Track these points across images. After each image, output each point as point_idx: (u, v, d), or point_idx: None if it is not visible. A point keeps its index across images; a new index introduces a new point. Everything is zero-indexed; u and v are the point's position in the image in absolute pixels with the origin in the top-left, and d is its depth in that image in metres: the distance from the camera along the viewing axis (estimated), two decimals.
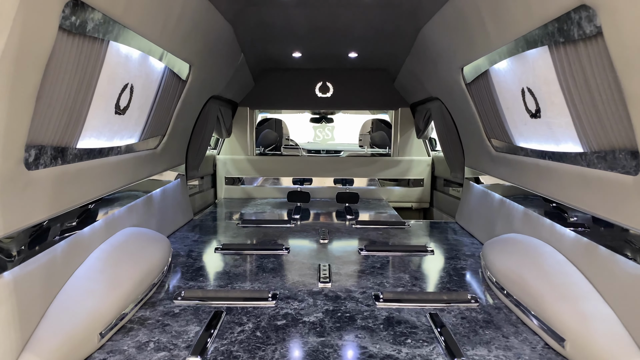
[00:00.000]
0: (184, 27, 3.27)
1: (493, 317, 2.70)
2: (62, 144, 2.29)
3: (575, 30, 2.07)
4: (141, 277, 2.82)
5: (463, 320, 2.65)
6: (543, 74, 2.61)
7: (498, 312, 2.78)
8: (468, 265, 3.68)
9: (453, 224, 5.33)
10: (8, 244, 1.88)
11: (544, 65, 2.56)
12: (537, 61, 2.63)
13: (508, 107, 3.39)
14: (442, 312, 2.77)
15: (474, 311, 2.79)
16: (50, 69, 1.94)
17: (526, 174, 3.43)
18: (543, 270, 2.68)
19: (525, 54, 2.76)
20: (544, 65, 2.56)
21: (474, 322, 2.64)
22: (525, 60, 2.78)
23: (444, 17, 3.63)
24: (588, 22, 1.96)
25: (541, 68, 2.61)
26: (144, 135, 3.62)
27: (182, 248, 4.13)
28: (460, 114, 4.71)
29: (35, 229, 2.10)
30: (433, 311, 2.76)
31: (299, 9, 4.03)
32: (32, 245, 2.08)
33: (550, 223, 2.98)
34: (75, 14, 1.95)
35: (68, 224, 2.48)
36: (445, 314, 2.74)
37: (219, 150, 7.19)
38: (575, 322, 2.23)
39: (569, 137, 2.61)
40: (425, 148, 7.22)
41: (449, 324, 2.59)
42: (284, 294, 3.03)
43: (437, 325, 2.54)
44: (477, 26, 3.16)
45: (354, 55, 5.90)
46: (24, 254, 1.99)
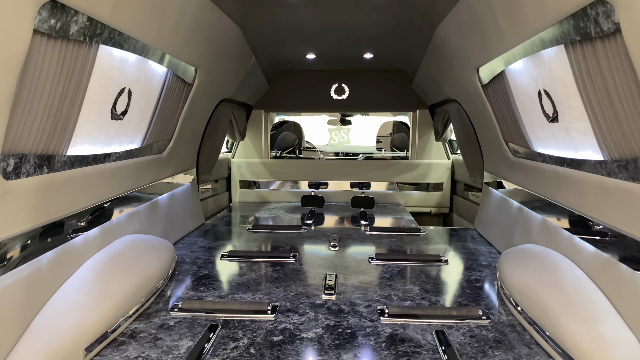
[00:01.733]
0: (185, 28, 3.18)
1: (505, 336, 2.51)
2: (48, 151, 2.21)
3: (592, 27, 1.88)
4: (135, 288, 2.73)
5: (472, 339, 2.48)
6: (560, 75, 2.42)
7: (511, 330, 2.59)
8: (483, 277, 3.49)
9: (471, 231, 5.12)
10: None
11: (560, 65, 2.37)
12: (553, 61, 2.44)
13: (525, 110, 3.19)
14: (450, 329, 2.60)
15: (484, 329, 2.61)
16: (29, 75, 1.85)
17: (544, 181, 3.22)
18: (560, 287, 2.49)
19: (541, 54, 2.57)
20: (560, 65, 2.37)
21: (483, 341, 2.46)
22: (542, 60, 2.59)
23: (458, 16, 3.45)
24: (605, 18, 1.77)
25: (558, 69, 2.42)
26: (147, 140, 3.54)
27: (188, 255, 4.05)
28: (478, 116, 4.51)
29: (16, 240, 2.02)
30: (440, 328, 2.59)
31: (309, 9, 3.91)
32: (11, 258, 2.00)
33: (569, 235, 2.78)
34: (55, 16, 1.86)
35: (57, 234, 2.40)
36: (454, 331, 2.57)
37: (233, 153, 7.12)
38: (592, 345, 2.04)
39: (588, 144, 2.41)
40: (445, 151, 7.00)
41: (456, 343, 2.41)
42: (284, 306, 2.90)
43: (442, 344, 2.38)
44: (490, 24, 2.98)
45: (370, 56, 5.74)
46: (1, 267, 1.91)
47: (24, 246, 2.09)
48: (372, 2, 3.66)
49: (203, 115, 4.86)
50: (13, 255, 2.02)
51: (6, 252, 1.97)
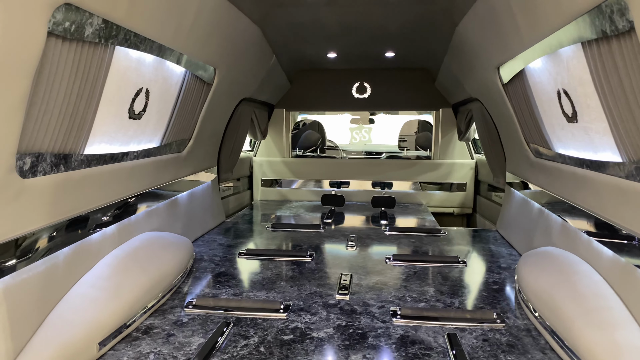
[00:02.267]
0: (202, 28, 3.22)
1: (519, 341, 2.46)
2: (64, 150, 2.27)
3: (607, 25, 1.83)
4: (151, 284, 2.78)
5: (484, 343, 2.44)
6: (578, 74, 2.36)
7: (526, 334, 2.54)
8: (501, 280, 3.43)
9: (493, 232, 5.03)
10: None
11: (578, 64, 2.31)
12: (571, 60, 2.38)
13: (545, 109, 3.12)
14: (462, 332, 2.56)
15: (498, 332, 2.56)
16: (44, 76, 1.91)
17: (564, 182, 3.15)
18: (577, 292, 2.42)
19: (559, 53, 2.51)
20: (578, 64, 2.31)
21: (496, 345, 2.42)
22: (560, 59, 2.53)
23: (477, 14, 3.39)
24: (620, 16, 1.72)
25: (575, 68, 2.36)
26: (166, 139, 3.60)
27: (206, 252, 4.10)
28: (499, 116, 4.43)
29: (32, 237, 2.08)
30: (453, 331, 2.56)
31: (328, 8, 3.90)
32: (28, 254, 2.07)
33: (588, 239, 2.70)
34: (69, 19, 1.91)
35: (74, 230, 2.47)
36: (466, 334, 2.54)
37: (255, 151, 7.18)
38: (606, 353, 1.98)
39: (607, 145, 2.34)
40: (469, 150, 6.89)
41: (467, 347, 2.38)
42: (297, 305, 2.91)
43: (453, 347, 2.35)
44: (509, 22, 2.92)
45: (391, 54, 5.70)
46: (16, 263, 1.98)
47: (40, 242, 2.16)
48: (391, 0, 3.63)
49: (223, 115, 4.91)
50: (29, 251, 2.08)
51: (23, 247, 2.03)
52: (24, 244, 2.03)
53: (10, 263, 1.94)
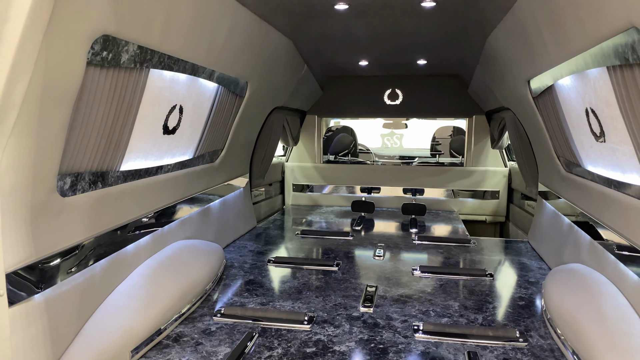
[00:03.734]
0: (234, 45, 3.33)
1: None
2: (102, 168, 2.42)
3: (629, 53, 1.82)
4: (182, 292, 2.91)
5: None
6: (604, 96, 2.34)
7: (549, 355, 2.53)
8: (528, 295, 3.40)
9: (525, 243, 4.97)
10: (40, 267, 2.01)
11: (604, 86, 2.29)
12: (597, 81, 2.36)
13: (574, 126, 3.08)
14: (484, 350, 2.58)
15: (520, 351, 2.56)
16: (83, 102, 2.05)
17: (593, 200, 3.10)
18: (601, 314, 2.40)
19: (586, 73, 2.49)
20: (604, 86, 2.29)
21: None
22: (587, 79, 2.51)
23: (507, 27, 3.38)
24: None
25: (602, 89, 2.34)
26: (199, 151, 3.74)
27: (236, 258, 4.23)
28: (531, 127, 4.38)
29: (71, 251, 2.23)
30: (474, 349, 2.58)
31: (359, 19, 3.95)
32: (68, 267, 2.22)
33: (615, 260, 2.67)
34: (107, 48, 2.03)
35: (110, 243, 2.61)
36: (487, 352, 2.55)
37: (287, 157, 7.29)
38: None
39: (634, 167, 2.31)
40: (502, 158, 6.80)
41: None
42: (321, 317, 2.99)
43: None
44: (537, 39, 2.90)
45: (423, 62, 5.70)
46: (57, 276, 2.13)
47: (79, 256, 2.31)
48: (423, 11, 3.65)
49: (256, 124, 5.03)
50: (70, 264, 2.23)
51: (63, 261, 2.18)
52: (65, 258, 2.18)
53: (52, 276, 2.09)
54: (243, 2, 3.07)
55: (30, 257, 1.91)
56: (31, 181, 1.83)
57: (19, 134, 1.70)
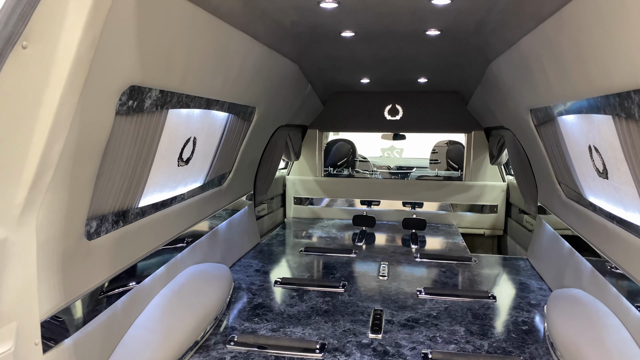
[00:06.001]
0: (245, 76, 3.41)
1: None
2: (123, 207, 2.48)
3: (636, 110, 1.92)
4: (198, 322, 2.98)
5: None
6: (608, 139, 2.44)
7: None
8: (531, 319, 3.50)
9: (524, 261, 5.08)
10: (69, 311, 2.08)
11: (608, 130, 2.39)
12: (602, 125, 2.46)
13: (577, 158, 3.18)
14: None
15: None
16: (109, 150, 2.11)
17: (595, 230, 3.21)
18: (605, 347, 2.50)
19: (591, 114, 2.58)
20: (608, 130, 2.39)
21: None
22: (591, 119, 2.61)
23: (511, 59, 3.47)
24: None
25: (606, 132, 2.43)
26: (209, 177, 3.81)
27: (243, 279, 4.30)
28: (532, 150, 4.48)
29: (96, 291, 2.30)
30: None
31: (364, 43, 4.04)
32: (93, 307, 2.28)
33: (617, 293, 2.77)
34: (133, 97, 2.10)
35: (130, 278, 2.68)
36: None
37: (288, 170, 7.37)
38: None
39: (637, 208, 2.41)
40: (500, 173, 6.92)
41: None
42: (332, 344, 3.07)
43: None
44: (540, 76, 3.00)
45: (424, 80, 5.80)
46: (84, 318, 2.19)
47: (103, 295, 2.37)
48: (427, 38, 3.74)
49: (261, 144, 5.11)
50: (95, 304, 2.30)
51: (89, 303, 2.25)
52: (91, 298, 2.25)
53: (79, 318, 2.16)
54: (254, 36, 3.15)
55: (61, 303, 1.98)
56: (63, 232, 1.90)
57: (53, 190, 1.77)
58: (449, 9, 2.83)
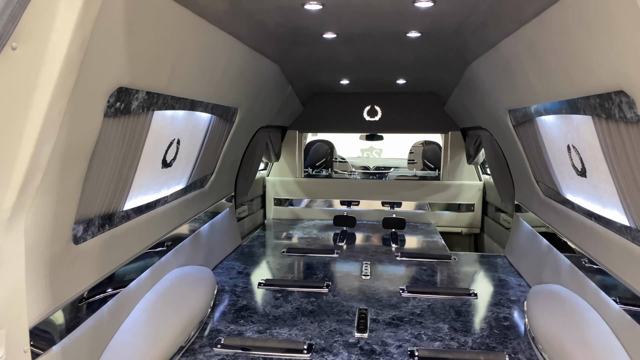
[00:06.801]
0: (229, 77, 3.39)
1: None
2: (109, 210, 2.45)
3: (616, 111, 1.99)
4: (184, 325, 2.96)
5: None
6: (588, 139, 2.51)
7: None
8: (511, 315, 3.58)
9: (502, 258, 5.19)
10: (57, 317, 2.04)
11: (588, 130, 2.47)
12: (581, 125, 2.54)
13: (555, 157, 3.27)
14: None
15: None
16: (96, 152, 2.08)
17: (573, 228, 3.30)
18: (586, 341, 2.58)
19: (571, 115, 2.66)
20: (588, 130, 2.47)
21: None
22: (571, 120, 2.69)
23: (491, 61, 3.55)
24: (629, 108, 1.87)
25: (586, 132, 2.51)
26: (191, 179, 3.78)
27: (227, 282, 4.27)
28: (509, 150, 4.58)
29: (83, 296, 2.26)
30: None
31: (345, 44, 4.07)
32: (80, 312, 2.25)
33: (596, 288, 2.86)
34: (120, 99, 2.08)
35: (115, 282, 2.64)
36: None
37: (268, 171, 7.36)
38: None
39: (615, 205, 2.49)
40: (477, 172, 7.06)
41: None
42: (319, 344, 3.08)
43: None
44: (522, 78, 3.08)
45: (403, 81, 5.87)
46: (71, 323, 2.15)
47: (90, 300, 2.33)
48: (408, 40, 3.78)
49: (242, 145, 5.09)
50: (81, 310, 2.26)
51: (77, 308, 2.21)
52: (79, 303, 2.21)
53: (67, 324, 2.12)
54: (238, 37, 3.14)
55: (49, 309, 1.94)
56: (51, 236, 1.87)
57: (41, 193, 1.74)
58: (431, 11, 2.88)
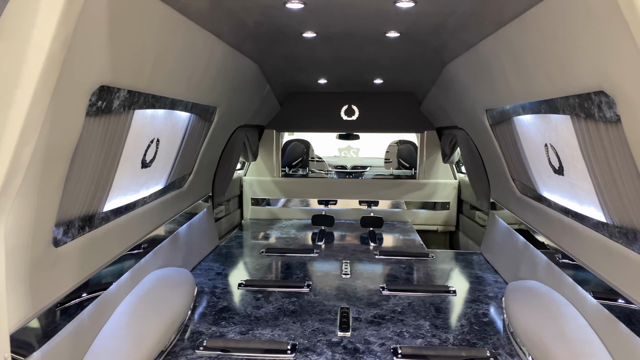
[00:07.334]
0: (209, 76, 3.35)
1: None
2: (89, 212, 2.39)
3: (595, 111, 2.04)
4: (166, 327, 2.91)
5: None
6: (566, 138, 2.58)
7: None
8: (490, 311, 3.65)
9: (478, 255, 5.28)
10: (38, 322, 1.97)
11: (566, 130, 2.53)
12: (560, 124, 2.60)
13: (532, 156, 3.34)
14: None
15: None
16: (78, 152, 2.03)
17: (550, 225, 3.38)
18: (564, 335, 2.64)
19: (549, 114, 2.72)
20: (566, 130, 2.53)
21: None
22: (549, 119, 2.75)
23: (469, 61, 3.60)
24: (608, 107, 1.93)
25: (564, 132, 2.57)
26: (170, 178, 3.72)
27: (206, 283, 4.22)
28: (485, 148, 4.66)
29: (64, 300, 2.20)
30: None
31: (324, 43, 4.06)
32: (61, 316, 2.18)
33: (573, 283, 2.94)
34: (102, 98, 2.03)
35: (96, 285, 2.58)
36: None
37: (245, 171, 7.31)
38: None
39: (592, 203, 2.56)
40: (452, 171, 7.16)
41: None
42: (303, 344, 3.07)
43: None
44: (500, 78, 3.13)
45: (380, 81, 5.91)
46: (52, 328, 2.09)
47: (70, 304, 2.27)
48: (387, 40, 3.81)
49: (220, 144, 5.04)
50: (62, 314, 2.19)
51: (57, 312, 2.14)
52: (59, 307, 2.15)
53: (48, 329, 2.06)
54: (219, 35, 3.10)
55: (30, 314, 1.88)
56: (31, 239, 1.81)
57: (22, 195, 1.68)
58: (412, 12, 2.90)
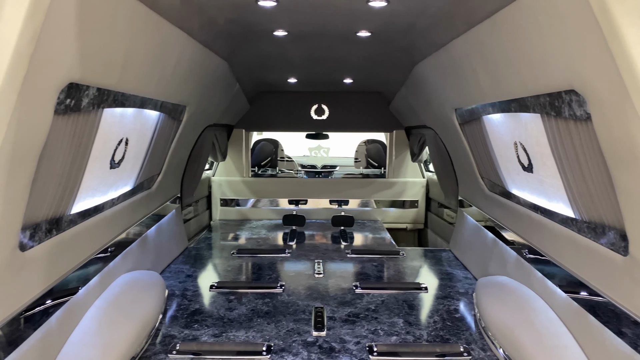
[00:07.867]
0: (180, 74, 3.29)
1: None
2: (56, 214, 2.30)
3: (566, 109, 2.10)
4: (137, 332, 2.83)
5: None
6: (535, 136, 2.64)
7: None
8: (461, 307, 3.71)
9: (447, 252, 5.36)
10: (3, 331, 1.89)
11: (536, 128, 2.59)
12: (529, 122, 2.66)
13: (501, 154, 3.42)
14: None
15: None
16: (45, 152, 1.95)
17: (519, 221, 3.46)
18: (534, 328, 2.71)
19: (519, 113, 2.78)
20: (536, 128, 2.59)
21: None
22: (518, 117, 2.81)
23: (439, 61, 3.65)
24: (578, 106, 1.98)
25: (533, 130, 2.64)
26: (139, 179, 3.63)
27: (176, 285, 4.13)
28: (454, 147, 4.74)
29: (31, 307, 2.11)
30: None
31: (295, 43, 4.05)
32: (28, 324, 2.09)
33: (542, 278, 3.01)
34: (70, 96, 1.96)
35: (64, 290, 2.49)
36: None
37: (214, 171, 7.21)
38: None
39: (561, 199, 2.63)
40: (420, 169, 7.26)
41: None
42: (278, 345, 3.05)
43: None
44: (470, 77, 3.18)
45: (349, 80, 5.93)
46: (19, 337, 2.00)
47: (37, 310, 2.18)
48: (358, 39, 3.82)
49: (189, 144, 4.95)
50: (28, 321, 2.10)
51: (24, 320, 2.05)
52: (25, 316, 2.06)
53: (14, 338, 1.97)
54: (189, 32, 3.04)
55: None
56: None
57: None
58: (384, 11, 2.92)
